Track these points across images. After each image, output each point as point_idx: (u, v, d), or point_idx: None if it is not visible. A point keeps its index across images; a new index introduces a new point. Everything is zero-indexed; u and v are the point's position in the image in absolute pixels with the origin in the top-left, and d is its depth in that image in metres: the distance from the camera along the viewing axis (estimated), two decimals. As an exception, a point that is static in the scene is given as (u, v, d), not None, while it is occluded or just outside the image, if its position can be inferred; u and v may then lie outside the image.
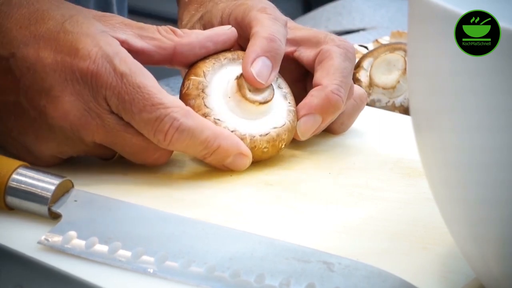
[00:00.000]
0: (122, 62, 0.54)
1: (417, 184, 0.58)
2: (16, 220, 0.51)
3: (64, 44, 0.54)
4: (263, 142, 0.59)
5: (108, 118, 0.54)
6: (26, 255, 0.47)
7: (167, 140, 0.55)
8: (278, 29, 0.60)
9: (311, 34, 0.63)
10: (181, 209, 0.52)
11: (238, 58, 0.61)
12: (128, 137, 0.55)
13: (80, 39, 0.54)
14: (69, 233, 0.48)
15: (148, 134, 0.55)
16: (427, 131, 0.41)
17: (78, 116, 0.54)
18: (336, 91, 0.60)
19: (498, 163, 0.37)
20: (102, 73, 0.54)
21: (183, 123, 0.54)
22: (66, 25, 0.55)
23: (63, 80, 0.54)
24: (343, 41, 0.62)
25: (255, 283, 0.44)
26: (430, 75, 0.39)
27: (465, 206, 0.40)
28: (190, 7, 0.71)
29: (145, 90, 0.54)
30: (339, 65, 0.61)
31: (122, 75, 0.54)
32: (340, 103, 0.60)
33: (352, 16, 1.34)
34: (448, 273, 0.47)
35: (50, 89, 0.54)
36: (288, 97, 0.61)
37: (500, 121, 0.37)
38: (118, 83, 0.54)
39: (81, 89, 0.54)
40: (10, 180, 0.51)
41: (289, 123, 0.60)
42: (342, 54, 0.61)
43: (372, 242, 0.50)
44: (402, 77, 0.76)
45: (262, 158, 0.60)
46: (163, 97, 0.54)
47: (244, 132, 0.59)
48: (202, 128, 0.55)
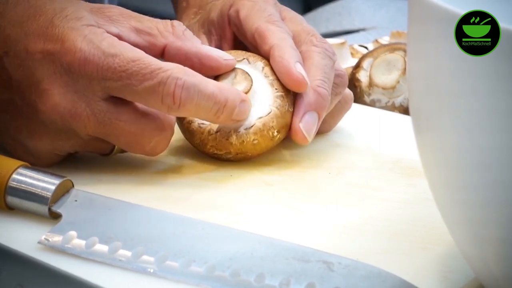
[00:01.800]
0: (110, 46, 0.54)
1: (417, 184, 0.58)
2: (16, 220, 0.51)
3: (52, 37, 0.54)
4: (250, 135, 0.59)
5: (99, 106, 0.54)
6: (26, 255, 0.47)
7: (176, 101, 0.54)
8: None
9: (297, 31, 0.63)
10: (181, 209, 0.52)
11: None
12: (121, 125, 0.55)
13: (65, 32, 0.54)
14: (69, 233, 0.48)
15: (156, 103, 0.54)
16: (427, 131, 0.41)
17: (68, 108, 0.54)
18: (321, 85, 0.60)
19: (498, 164, 0.37)
20: (91, 59, 0.53)
21: (187, 80, 0.54)
22: (54, 20, 0.55)
23: (52, 73, 0.54)
24: (321, 41, 0.63)
25: (255, 283, 0.45)
26: (430, 76, 0.39)
27: (465, 207, 0.40)
28: (188, 11, 0.70)
29: (140, 61, 0.54)
30: (319, 62, 0.61)
31: (113, 56, 0.54)
32: (327, 96, 0.60)
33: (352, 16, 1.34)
34: (448, 273, 0.47)
35: (39, 83, 0.54)
36: (275, 84, 0.60)
37: (500, 122, 0.37)
38: (110, 64, 0.53)
39: (70, 80, 0.54)
40: (10, 180, 0.51)
41: (276, 109, 0.59)
42: (320, 53, 0.62)
43: (372, 242, 0.50)
44: (402, 77, 0.76)
45: (258, 151, 0.59)
46: (159, 63, 0.54)
47: (228, 130, 0.59)
48: (205, 83, 0.55)
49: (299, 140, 0.60)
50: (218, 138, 0.59)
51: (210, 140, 0.59)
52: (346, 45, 0.88)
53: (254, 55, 0.62)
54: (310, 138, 0.60)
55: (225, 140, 0.59)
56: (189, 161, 0.60)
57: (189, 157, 0.61)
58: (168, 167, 0.59)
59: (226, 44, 0.65)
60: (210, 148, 0.59)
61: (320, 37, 0.63)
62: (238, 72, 0.60)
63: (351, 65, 0.83)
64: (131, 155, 0.59)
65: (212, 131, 0.59)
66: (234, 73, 0.60)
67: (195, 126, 0.59)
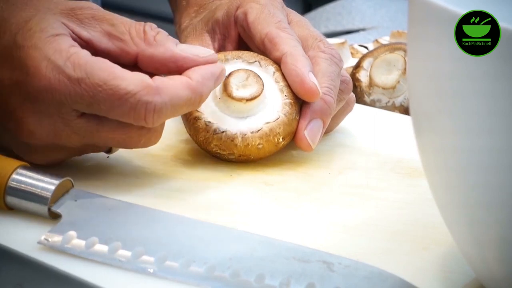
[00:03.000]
0: (76, 67, 0.52)
1: (417, 184, 0.58)
2: (16, 220, 0.51)
3: (17, 63, 0.52)
4: (256, 139, 0.59)
5: (77, 124, 0.53)
6: (26, 255, 0.47)
7: (150, 122, 0.53)
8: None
9: (303, 36, 0.63)
10: (181, 209, 0.52)
11: (231, 58, 0.61)
12: (105, 135, 0.54)
13: (28, 54, 0.52)
14: (69, 233, 0.48)
15: (130, 123, 0.53)
16: (427, 132, 0.41)
17: (46, 132, 0.53)
18: (327, 93, 0.60)
19: (499, 165, 0.37)
20: (57, 87, 0.52)
21: (156, 103, 0.52)
22: (17, 38, 0.53)
23: (22, 101, 0.52)
24: (328, 47, 0.63)
25: (255, 283, 0.44)
26: (430, 76, 0.39)
27: (465, 208, 0.40)
28: (189, 9, 0.70)
29: (106, 86, 0.51)
30: (326, 69, 0.61)
31: (79, 81, 0.51)
32: (333, 104, 0.60)
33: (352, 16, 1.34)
34: (448, 273, 0.47)
35: (13, 112, 0.53)
36: (284, 91, 0.61)
37: (500, 122, 0.37)
38: (77, 90, 0.51)
39: (41, 106, 0.52)
40: (10, 180, 0.51)
41: (284, 116, 0.60)
42: (328, 59, 0.62)
43: (372, 242, 0.50)
44: (402, 77, 0.76)
45: (260, 155, 0.59)
46: (126, 83, 0.52)
47: (235, 131, 0.59)
48: (178, 92, 0.53)
49: (303, 147, 0.60)
50: (223, 139, 0.59)
51: (215, 139, 0.59)
52: (346, 45, 0.88)
53: (265, 58, 0.62)
54: (314, 146, 0.60)
55: (230, 141, 0.59)
56: (189, 161, 0.60)
57: (189, 157, 0.61)
58: (168, 167, 0.59)
59: (230, 44, 0.65)
60: (213, 147, 0.59)
61: (327, 42, 0.63)
62: (250, 75, 0.60)
63: (351, 65, 0.83)
64: (131, 155, 0.59)
65: (218, 131, 0.59)
66: (247, 74, 0.60)
67: (201, 124, 0.59)
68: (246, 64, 0.61)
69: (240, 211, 0.53)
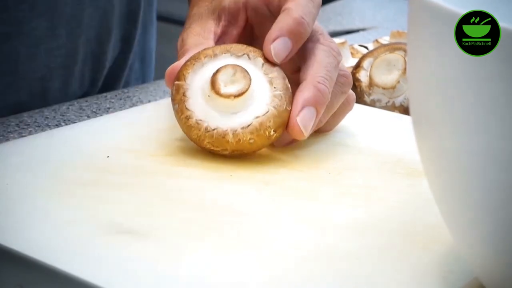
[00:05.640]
0: None
1: (417, 184, 0.58)
2: (16, 220, 0.51)
3: None
4: (247, 134, 0.59)
5: None
6: (26, 255, 0.47)
7: None
8: (310, 10, 0.61)
9: None
10: (181, 209, 0.52)
11: (220, 53, 0.62)
12: None
13: None
14: None
15: None
16: (427, 132, 0.41)
17: None
18: (322, 82, 0.60)
19: (498, 166, 0.37)
20: None
21: None
22: None
23: None
24: (327, 39, 0.63)
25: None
26: (430, 76, 0.39)
27: (465, 208, 0.40)
28: (201, 3, 0.70)
29: None
30: (322, 60, 0.61)
31: None
32: (327, 93, 0.60)
33: (352, 16, 1.34)
34: (448, 273, 0.47)
35: None
36: (274, 82, 0.61)
37: (500, 123, 0.37)
38: None
39: None
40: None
41: (273, 109, 0.60)
42: (325, 51, 0.62)
43: (372, 242, 0.50)
44: (402, 77, 0.76)
45: (254, 149, 0.60)
46: None
47: (225, 128, 0.59)
48: None
49: (295, 134, 0.59)
50: (215, 136, 0.59)
51: (207, 137, 0.59)
52: (346, 45, 0.88)
53: (255, 50, 0.62)
54: (307, 133, 0.60)
55: (221, 138, 0.59)
56: (189, 161, 0.60)
57: (189, 157, 0.61)
58: (168, 167, 0.59)
59: (236, 30, 0.66)
60: (207, 144, 0.59)
61: (328, 36, 0.64)
62: (238, 70, 0.60)
63: (351, 65, 0.83)
64: (130, 155, 0.59)
65: (209, 128, 0.59)
66: (234, 70, 0.60)
67: (192, 122, 0.60)
68: (235, 58, 0.62)
69: (240, 211, 0.53)
